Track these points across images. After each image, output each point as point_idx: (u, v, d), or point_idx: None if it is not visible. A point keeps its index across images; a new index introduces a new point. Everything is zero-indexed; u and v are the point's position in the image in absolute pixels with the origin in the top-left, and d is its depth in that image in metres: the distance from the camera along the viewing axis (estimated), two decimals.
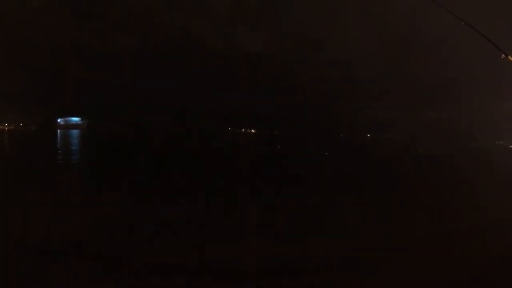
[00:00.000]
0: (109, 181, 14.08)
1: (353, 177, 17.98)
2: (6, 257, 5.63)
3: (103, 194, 11.35)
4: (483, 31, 4.33)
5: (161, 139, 54.36)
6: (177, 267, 5.47)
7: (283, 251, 6.24)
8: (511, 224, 8.57)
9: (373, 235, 7.44)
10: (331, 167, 23.39)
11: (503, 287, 5.03)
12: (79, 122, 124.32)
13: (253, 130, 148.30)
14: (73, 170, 17.70)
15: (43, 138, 52.78)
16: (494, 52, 4.07)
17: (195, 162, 24.01)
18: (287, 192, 12.82)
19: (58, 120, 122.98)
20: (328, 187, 14.48)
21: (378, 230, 7.83)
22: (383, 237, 7.27)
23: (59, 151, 30.50)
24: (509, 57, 4.04)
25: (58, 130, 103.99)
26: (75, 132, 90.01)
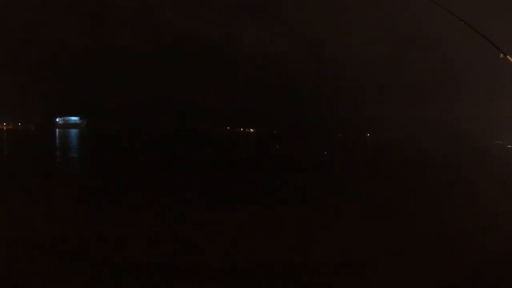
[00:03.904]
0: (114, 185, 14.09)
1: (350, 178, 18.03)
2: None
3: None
4: (482, 31, 4.37)
5: (160, 139, 54.28)
6: None
7: None
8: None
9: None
10: (329, 167, 23.43)
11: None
12: (78, 122, 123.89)
13: (252, 130, 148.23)
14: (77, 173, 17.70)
15: (42, 138, 52.69)
16: (493, 52, 4.11)
17: (195, 161, 24.03)
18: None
19: (57, 120, 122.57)
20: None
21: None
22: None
23: (58, 153, 30.43)
24: (508, 56, 4.09)
25: (57, 130, 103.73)
26: (74, 132, 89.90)
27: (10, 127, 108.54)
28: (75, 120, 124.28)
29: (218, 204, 10.24)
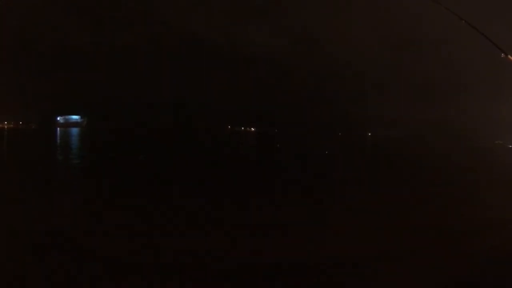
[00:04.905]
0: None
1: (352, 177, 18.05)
2: None
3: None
4: (483, 30, 4.36)
5: (161, 138, 54.33)
6: None
7: None
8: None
9: None
10: (331, 167, 23.45)
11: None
12: (79, 120, 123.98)
13: (253, 129, 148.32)
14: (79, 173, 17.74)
15: (44, 137, 52.76)
16: (494, 51, 4.09)
17: (196, 160, 24.04)
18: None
19: (58, 118, 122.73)
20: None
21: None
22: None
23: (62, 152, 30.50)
24: (509, 56, 4.07)
25: (58, 128, 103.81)
26: (75, 130, 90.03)
27: (11, 126, 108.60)
28: (76, 119, 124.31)
29: (218, 204, 10.25)
